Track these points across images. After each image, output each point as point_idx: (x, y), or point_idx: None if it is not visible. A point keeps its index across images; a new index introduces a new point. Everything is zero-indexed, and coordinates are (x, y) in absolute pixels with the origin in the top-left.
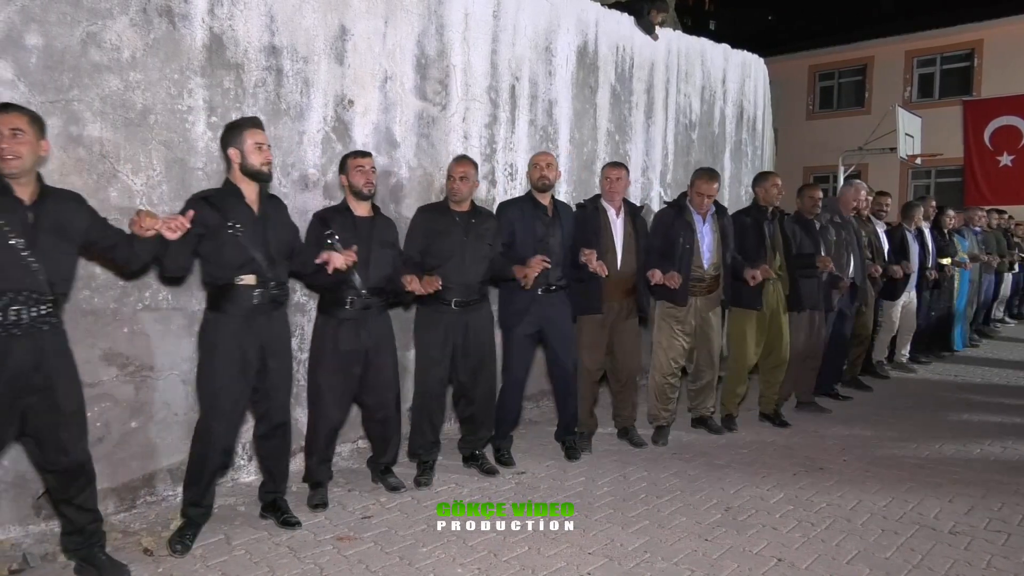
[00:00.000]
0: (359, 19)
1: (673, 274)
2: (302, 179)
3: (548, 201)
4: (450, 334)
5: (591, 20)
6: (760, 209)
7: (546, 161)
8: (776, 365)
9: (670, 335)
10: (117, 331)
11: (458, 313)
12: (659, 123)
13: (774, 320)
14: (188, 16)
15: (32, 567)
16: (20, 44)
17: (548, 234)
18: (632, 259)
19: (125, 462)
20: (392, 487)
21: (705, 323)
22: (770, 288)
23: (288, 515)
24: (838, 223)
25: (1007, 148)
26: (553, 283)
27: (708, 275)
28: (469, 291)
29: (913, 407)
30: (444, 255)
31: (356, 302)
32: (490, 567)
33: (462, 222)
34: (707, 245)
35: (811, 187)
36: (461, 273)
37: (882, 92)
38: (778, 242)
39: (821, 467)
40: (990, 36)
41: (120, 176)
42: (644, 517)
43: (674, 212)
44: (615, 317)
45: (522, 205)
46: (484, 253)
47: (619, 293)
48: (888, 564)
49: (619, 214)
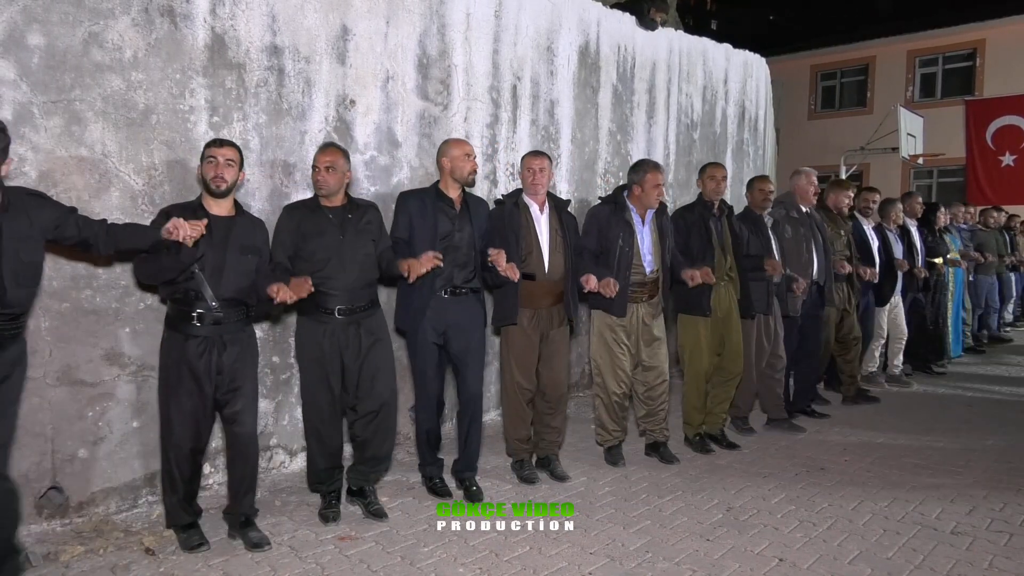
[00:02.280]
0: (361, 19)
1: (609, 281)
2: (304, 179)
3: (457, 194)
4: (336, 347)
5: (593, 20)
6: (705, 205)
7: (466, 151)
8: (727, 379)
9: (610, 349)
10: (119, 331)
11: (343, 323)
12: (661, 123)
13: (727, 327)
14: (190, 16)
15: (34, 566)
16: (22, 44)
17: (454, 229)
18: (561, 260)
19: (127, 461)
20: (254, 544)
21: (649, 333)
22: (721, 292)
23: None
24: (795, 218)
25: (1009, 148)
26: (459, 285)
27: (650, 279)
28: (354, 296)
29: (914, 407)
30: (319, 258)
31: (206, 316)
32: (492, 567)
33: (336, 219)
34: (647, 246)
35: (761, 179)
36: (342, 277)
37: (884, 92)
38: (727, 241)
39: (822, 467)
40: (992, 36)
41: (122, 176)
42: (646, 517)
43: (610, 210)
44: (545, 326)
45: (424, 196)
46: (367, 251)
47: (548, 298)
48: (890, 564)
49: (543, 210)
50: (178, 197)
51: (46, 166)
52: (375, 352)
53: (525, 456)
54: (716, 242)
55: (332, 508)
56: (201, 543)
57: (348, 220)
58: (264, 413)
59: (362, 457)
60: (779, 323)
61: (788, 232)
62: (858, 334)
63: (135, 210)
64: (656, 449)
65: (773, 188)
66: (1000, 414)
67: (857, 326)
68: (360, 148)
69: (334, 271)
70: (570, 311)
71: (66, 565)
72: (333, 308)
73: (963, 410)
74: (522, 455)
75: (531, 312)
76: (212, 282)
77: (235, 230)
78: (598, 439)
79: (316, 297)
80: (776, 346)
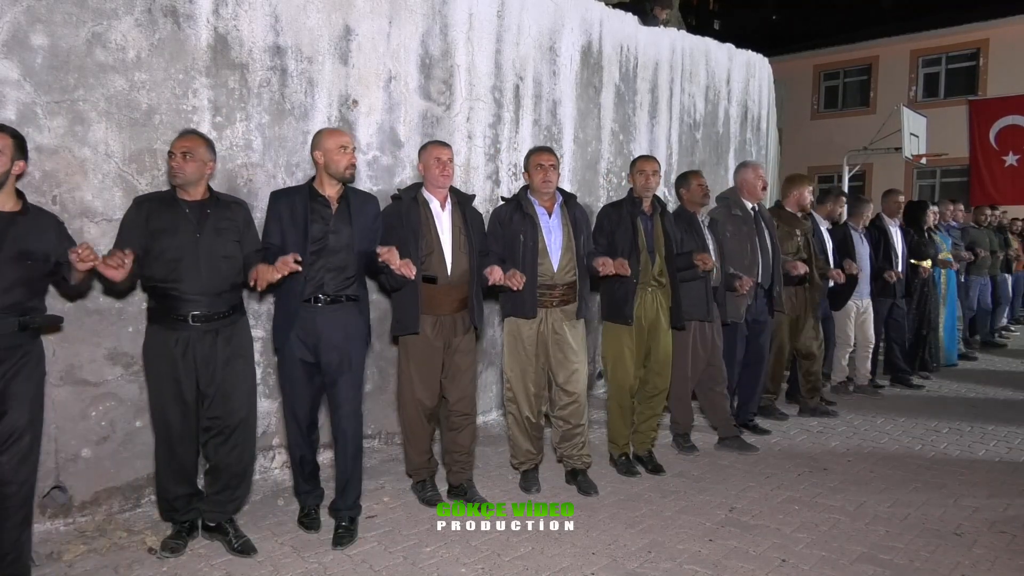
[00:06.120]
0: (363, 19)
1: (515, 272)
2: (306, 179)
3: (335, 192)
4: (190, 358)
5: (595, 20)
6: (635, 201)
7: (342, 142)
8: (652, 394)
9: (520, 360)
10: (122, 330)
11: (199, 331)
12: (663, 123)
13: (653, 337)
14: (193, 16)
15: (37, 565)
16: (26, 44)
17: (329, 231)
18: (465, 260)
19: (129, 461)
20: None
21: (561, 342)
22: (647, 299)
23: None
24: (737, 216)
25: (1013, 147)
26: (334, 293)
27: (560, 281)
28: (212, 302)
29: (916, 408)
30: (170, 258)
31: None
32: (493, 567)
33: (193, 214)
34: (556, 243)
35: (695, 174)
36: (196, 280)
37: (887, 92)
38: (659, 243)
39: (825, 468)
40: (996, 35)
41: (125, 176)
42: (648, 517)
43: (511, 206)
44: (448, 333)
45: (295, 196)
46: (227, 253)
47: (451, 303)
48: (892, 565)
49: (444, 206)
50: None
51: (49, 166)
52: (234, 364)
53: (426, 476)
54: (643, 243)
55: (180, 537)
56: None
57: (206, 216)
58: (267, 413)
59: (216, 483)
60: (718, 332)
61: (729, 231)
62: (820, 341)
63: None
64: (575, 477)
65: (705, 182)
66: (1002, 400)
67: (819, 332)
68: (363, 148)
69: (187, 273)
70: (475, 317)
71: (69, 564)
72: (187, 314)
73: (966, 411)
74: (423, 475)
75: (433, 319)
76: None
77: (12, 230)
78: (512, 461)
79: (167, 302)
80: (714, 356)
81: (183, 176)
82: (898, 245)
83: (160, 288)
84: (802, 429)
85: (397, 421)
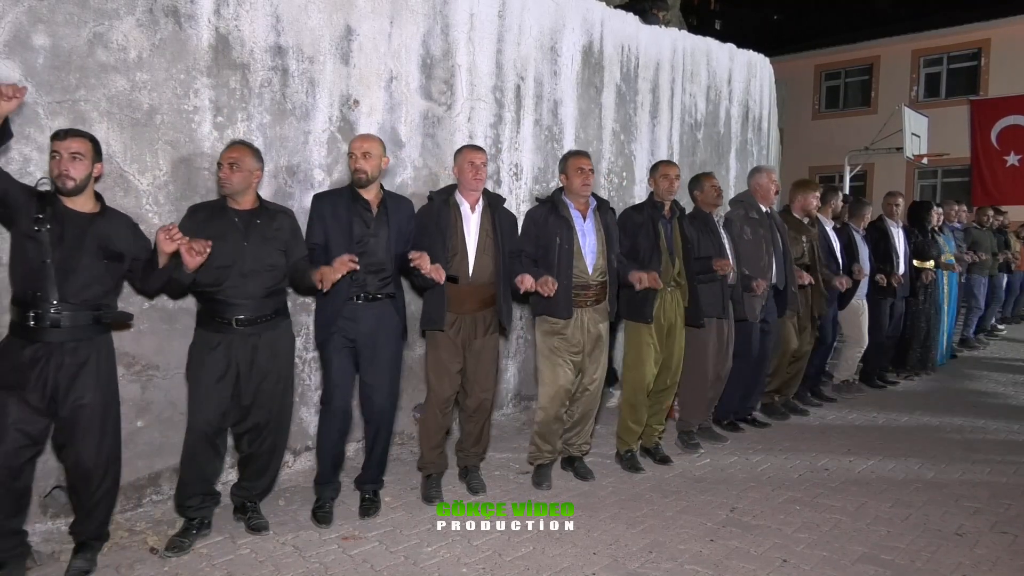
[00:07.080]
0: (364, 19)
1: (547, 279)
2: (307, 179)
3: (373, 195)
4: (233, 360)
5: (596, 20)
6: (655, 205)
7: (362, 150)
8: (660, 389)
9: (554, 360)
10: (123, 330)
11: (243, 334)
12: (664, 123)
13: (670, 336)
14: (194, 16)
15: (39, 564)
16: (27, 44)
17: (368, 234)
18: (489, 262)
19: (131, 461)
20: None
21: (595, 339)
22: (667, 299)
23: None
24: (754, 219)
25: (1014, 148)
26: (374, 292)
27: (594, 281)
28: (257, 306)
29: (917, 408)
30: (219, 265)
31: (44, 318)
32: (495, 567)
33: (242, 223)
34: (590, 246)
35: (709, 176)
36: (242, 286)
37: (888, 92)
38: (677, 245)
39: (826, 468)
40: (997, 35)
41: (126, 176)
42: (649, 517)
43: (547, 209)
44: (468, 333)
45: (337, 199)
46: (273, 262)
47: (472, 303)
48: (894, 565)
49: (475, 209)
50: (182, 197)
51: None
52: (274, 365)
53: (434, 472)
54: (664, 246)
55: (187, 535)
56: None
57: (255, 226)
58: None
59: (246, 471)
60: (731, 329)
61: (747, 233)
62: (808, 346)
63: (139, 210)
64: (572, 464)
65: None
66: (1003, 402)
67: (813, 337)
68: None
69: (233, 279)
70: (502, 317)
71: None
72: (231, 318)
73: (968, 411)
74: (431, 471)
75: (454, 317)
76: (58, 281)
77: (92, 229)
78: (530, 457)
79: (213, 305)
80: (726, 354)
81: (231, 186)
82: (900, 246)
83: (207, 293)
84: (802, 430)
85: (398, 421)
